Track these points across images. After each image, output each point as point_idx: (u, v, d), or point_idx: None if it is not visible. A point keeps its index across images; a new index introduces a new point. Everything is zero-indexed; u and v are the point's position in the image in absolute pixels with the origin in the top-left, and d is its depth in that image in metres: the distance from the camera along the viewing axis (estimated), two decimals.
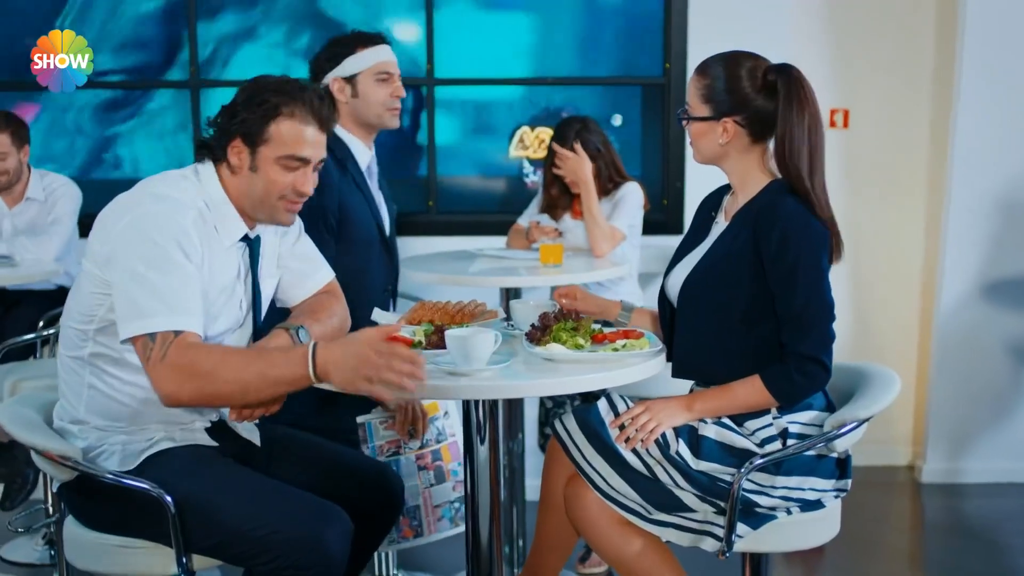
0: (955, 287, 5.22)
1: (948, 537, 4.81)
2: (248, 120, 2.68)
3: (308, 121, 2.70)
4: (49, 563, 4.37)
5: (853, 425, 2.79)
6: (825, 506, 2.88)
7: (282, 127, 2.68)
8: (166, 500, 2.56)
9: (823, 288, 2.80)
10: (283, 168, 2.70)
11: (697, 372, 2.96)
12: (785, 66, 2.87)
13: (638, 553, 2.87)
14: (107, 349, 2.68)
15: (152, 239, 2.55)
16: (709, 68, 2.89)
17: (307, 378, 2.44)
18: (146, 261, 2.53)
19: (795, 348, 2.77)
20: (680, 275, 2.97)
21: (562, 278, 4.06)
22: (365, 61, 3.52)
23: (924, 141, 5.42)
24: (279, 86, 2.71)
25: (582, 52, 5.35)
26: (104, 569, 2.73)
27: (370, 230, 3.50)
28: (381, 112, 3.54)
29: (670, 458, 2.80)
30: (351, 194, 3.45)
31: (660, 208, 5.28)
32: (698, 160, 2.97)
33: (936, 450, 5.36)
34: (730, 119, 2.85)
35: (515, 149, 5.37)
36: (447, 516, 3.46)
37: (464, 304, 3.09)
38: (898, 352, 5.52)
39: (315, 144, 2.73)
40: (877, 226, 5.48)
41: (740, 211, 2.89)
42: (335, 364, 2.43)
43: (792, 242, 2.75)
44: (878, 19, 5.34)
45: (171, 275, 2.53)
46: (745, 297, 2.82)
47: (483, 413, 2.79)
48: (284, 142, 2.68)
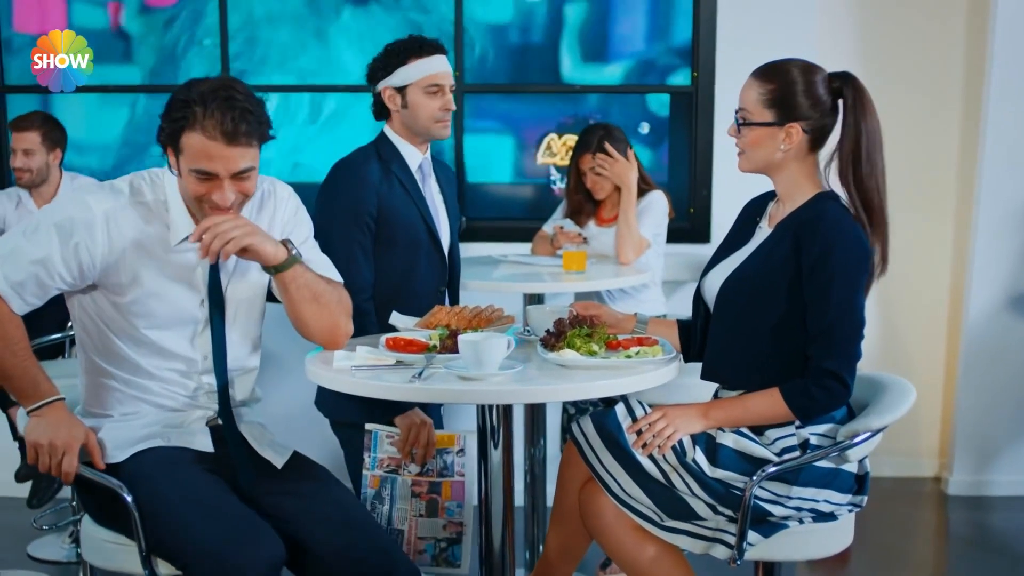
0: (983, 299, 5.18)
1: (973, 550, 4.78)
2: (165, 129, 2.68)
3: (215, 136, 2.61)
4: (75, 561, 4.42)
5: (866, 435, 2.78)
6: (838, 519, 2.87)
7: (191, 139, 2.63)
8: (124, 497, 2.62)
9: (856, 305, 2.78)
10: (196, 179, 2.67)
11: (725, 376, 2.96)
12: (848, 74, 2.86)
13: (652, 559, 2.87)
14: (91, 340, 2.80)
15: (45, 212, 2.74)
16: (774, 73, 2.86)
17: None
18: (30, 221, 2.74)
19: (819, 362, 2.76)
20: (718, 278, 2.96)
21: (585, 285, 4.08)
22: (416, 73, 3.50)
23: (953, 153, 5.38)
24: (201, 95, 2.63)
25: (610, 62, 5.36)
26: (115, 567, 2.77)
27: (416, 231, 3.50)
28: (429, 125, 3.54)
29: (686, 465, 2.80)
30: (394, 195, 3.46)
31: (686, 216, 5.28)
32: (744, 168, 2.93)
33: (963, 462, 5.32)
34: (796, 125, 2.82)
35: (542, 156, 5.38)
36: (429, 552, 3.31)
37: (481, 309, 3.10)
38: (925, 363, 5.49)
39: (223, 158, 2.63)
40: (905, 237, 5.39)
41: (785, 220, 2.87)
42: (40, 424, 2.67)
43: (833, 255, 2.73)
44: (907, 32, 5.31)
45: (27, 240, 2.68)
46: (780, 306, 2.81)
47: (496, 418, 2.80)
48: (192, 155, 2.64)
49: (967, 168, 5.28)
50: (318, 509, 2.78)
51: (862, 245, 2.78)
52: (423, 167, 3.60)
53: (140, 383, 2.80)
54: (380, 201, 3.43)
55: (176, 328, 2.79)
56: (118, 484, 2.64)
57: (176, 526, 2.58)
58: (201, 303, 2.82)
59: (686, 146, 5.34)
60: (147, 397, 2.81)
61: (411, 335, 2.93)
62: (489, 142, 5.41)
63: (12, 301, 2.66)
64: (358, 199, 3.41)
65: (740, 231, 3.05)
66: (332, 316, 2.86)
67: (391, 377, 2.63)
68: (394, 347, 2.82)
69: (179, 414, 2.84)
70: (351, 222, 3.40)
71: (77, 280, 2.69)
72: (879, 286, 5.30)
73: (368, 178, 3.43)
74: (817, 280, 2.75)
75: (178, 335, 2.80)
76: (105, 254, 2.68)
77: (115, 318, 2.75)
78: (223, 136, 2.61)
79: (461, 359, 2.62)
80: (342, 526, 2.76)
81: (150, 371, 2.79)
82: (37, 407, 2.70)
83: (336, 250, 3.22)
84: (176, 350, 2.80)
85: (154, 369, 2.79)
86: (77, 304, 2.79)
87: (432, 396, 2.67)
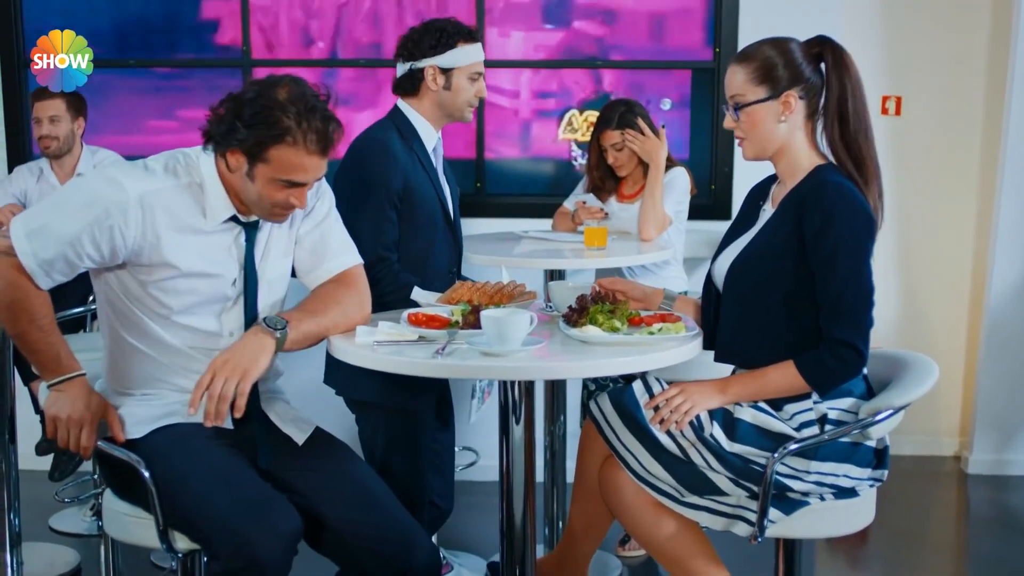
0: (1005, 278, 5.16)
1: (993, 529, 4.78)
2: (250, 138, 2.65)
3: (311, 151, 2.66)
4: (97, 534, 4.44)
5: (888, 413, 2.76)
6: (859, 495, 2.87)
7: (284, 153, 2.64)
8: (142, 472, 2.63)
9: (864, 273, 2.78)
10: (278, 187, 2.69)
11: (739, 357, 2.96)
12: (823, 37, 2.90)
13: (671, 536, 2.88)
14: (116, 314, 2.80)
15: (69, 195, 2.73)
16: (751, 54, 2.89)
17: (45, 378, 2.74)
18: (56, 202, 2.74)
19: (831, 333, 2.76)
20: (726, 261, 2.97)
21: (606, 261, 4.06)
22: (466, 58, 3.55)
23: (977, 129, 5.36)
24: (287, 106, 2.64)
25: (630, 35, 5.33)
26: (136, 540, 2.79)
27: (434, 210, 3.52)
28: (464, 108, 3.60)
29: (704, 440, 2.79)
30: (416, 173, 3.47)
31: (708, 193, 5.26)
32: (748, 156, 2.95)
33: (983, 441, 5.31)
34: (792, 92, 2.85)
35: (564, 132, 5.36)
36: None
37: (503, 285, 3.10)
38: (946, 342, 5.48)
39: (314, 169, 2.70)
40: (928, 215, 5.43)
41: (787, 196, 2.88)
42: (60, 399, 2.71)
43: (835, 223, 2.73)
44: (932, 5, 5.29)
45: (57, 217, 2.67)
46: (788, 283, 2.81)
47: (518, 394, 2.79)
48: (282, 167, 2.66)
49: (990, 146, 5.25)
50: (337, 485, 2.79)
51: (864, 211, 2.78)
52: (437, 148, 3.61)
53: (162, 360, 2.80)
54: (405, 179, 3.43)
55: (205, 306, 2.79)
56: (136, 459, 2.65)
57: (194, 500, 2.59)
58: (233, 283, 2.81)
59: (708, 123, 5.32)
60: (167, 377, 2.81)
61: (433, 311, 2.93)
62: (508, 116, 5.40)
63: (39, 279, 2.67)
64: (387, 175, 3.42)
65: (746, 216, 3.07)
66: (347, 328, 2.86)
67: (413, 352, 2.62)
68: (416, 323, 2.82)
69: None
70: (383, 197, 3.40)
71: (107, 260, 2.69)
72: (901, 264, 5.32)
73: (396, 155, 3.44)
74: (821, 250, 2.75)
75: (206, 312, 2.80)
76: (138, 236, 2.67)
77: (142, 296, 2.75)
78: (320, 152, 2.68)
79: (484, 335, 2.62)
80: (361, 503, 2.78)
81: (175, 346, 2.78)
82: (58, 382, 2.72)
83: (364, 223, 3.25)
84: (202, 327, 2.80)
85: (179, 344, 2.78)
86: (103, 280, 2.79)
87: (455, 372, 2.66)
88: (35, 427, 4.51)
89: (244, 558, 2.50)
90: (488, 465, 4.39)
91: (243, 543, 2.50)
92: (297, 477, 2.79)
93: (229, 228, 2.79)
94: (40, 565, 4.22)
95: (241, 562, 2.50)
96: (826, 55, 2.86)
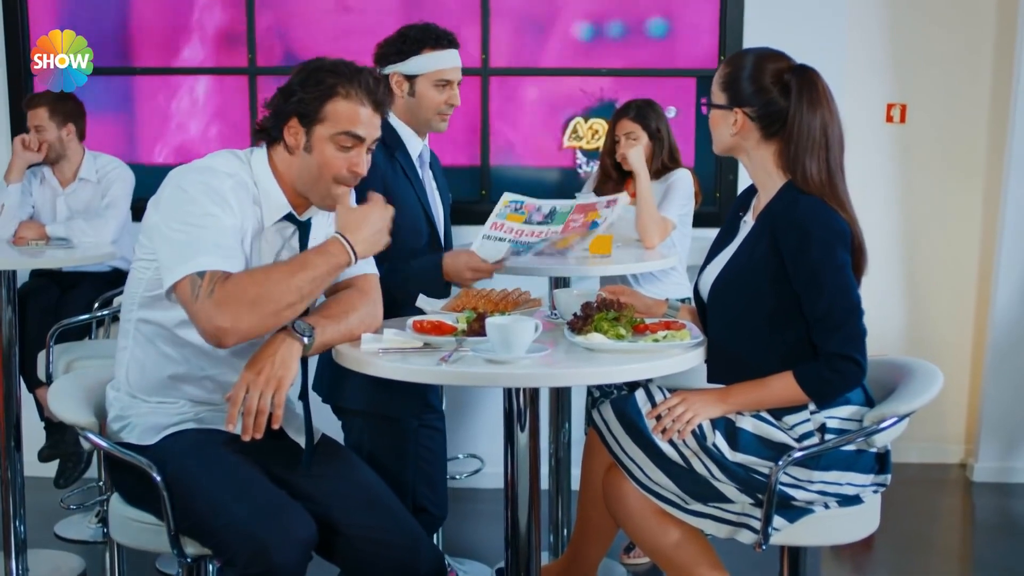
0: (1011, 285, 5.16)
1: (998, 536, 4.78)
2: (304, 100, 2.73)
3: (363, 102, 2.74)
4: (102, 540, 4.46)
5: (893, 420, 2.76)
6: (863, 501, 2.86)
7: (338, 106, 2.73)
8: (154, 477, 2.62)
9: (848, 285, 2.78)
10: (337, 147, 2.74)
11: (727, 375, 2.93)
12: (804, 67, 2.87)
13: (676, 544, 2.88)
14: (150, 318, 2.76)
15: (192, 198, 2.64)
16: (734, 59, 2.92)
17: (349, 261, 2.72)
18: (189, 217, 2.62)
19: (826, 347, 2.76)
20: (711, 275, 2.98)
21: (611, 268, 4.06)
22: (428, 65, 3.49)
23: (982, 137, 5.36)
24: (335, 67, 2.76)
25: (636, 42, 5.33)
26: (143, 546, 2.79)
27: (416, 218, 3.50)
28: (431, 117, 3.53)
29: (706, 449, 2.80)
30: (397, 181, 3.44)
31: (712, 201, 5.26)
32: (716, 150, 2.98)
33: (988, 448, 5.31)
34: (741, 110, 2.86)
35: (568, 140, 5.36)
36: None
37: (508, 292, 3.10)
38: (952, 349, 5.47)
39: (369, 123, 2.77)
40: (933, 222, 5.43)
41: (762, 212, 2.89)
42: (364, 241, 2.75)
43: (810, 243, 2.74)
44: (937, 13, 5.29)
45: (211, 228, 2.61)
46: (769, 301, 2.82)
47: (523, 401, 2.79)
48: (339, 120, 2.73)
49: (996, 152, 5.26)
50: (348, 491, 2.79)
51: (837, 222, 2.78)
52: (423, 155, 3.59)
53: (192, 360, 2.77)
54: (385, 185, 3.40)
55: None
56: (147, 463, 2.64)
57: (207, 506, 2.58)
58: None
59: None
60: (185, 386, 2.78)
61: (438, 318, 2.93)
62: (513, 123, 5.40)
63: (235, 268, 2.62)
64: (365, 181, 3.37)
65: (729, 226, 3.07)
66: (368, 330, 2.85)
67: (419, 360, 2.62)
68: (421, 330, 2.82)
69: (214, 396, 2.82)
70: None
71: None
72: (906, 270, 5.32)
73: (376, 163, 3.40)
74: (802, 268, 2.75)
75: None
76: (236, 222, 2.68)
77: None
78: (371, 103, 2.77)
79: (489, 342, 2.62)
80: (369, 508, 2.78)
81: (203, 347, 2.73)
82: (352, 247, 2.75)
83: None
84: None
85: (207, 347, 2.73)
86: (146, 269, 2.73)
87: (460, 379, 2.66)
88: (40, 434, 4.53)
89: (261, 564, 2.49)
90: (493, 472, 4.40)
91: (261, 549, 2.49)
92: (309, 483, 2.79)
93: (282, 228, 2.82)
94: (45, 572, 4.22)
95: (258, 568, 2.49)
96: (793, 85, 2.82)
